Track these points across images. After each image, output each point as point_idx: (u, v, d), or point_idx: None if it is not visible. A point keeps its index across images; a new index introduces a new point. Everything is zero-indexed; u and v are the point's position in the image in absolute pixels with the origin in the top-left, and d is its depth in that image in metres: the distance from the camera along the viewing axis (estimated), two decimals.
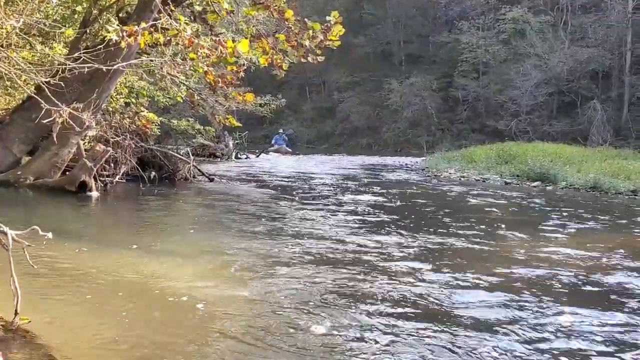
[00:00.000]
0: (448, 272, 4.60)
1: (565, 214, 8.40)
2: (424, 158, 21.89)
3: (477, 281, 4.38)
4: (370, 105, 36.63)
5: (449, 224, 7.13)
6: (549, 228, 7.07)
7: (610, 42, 27.89)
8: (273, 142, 26.21)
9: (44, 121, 4.66)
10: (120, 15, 9.95)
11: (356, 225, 6.80)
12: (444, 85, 33.78)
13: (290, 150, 25.35)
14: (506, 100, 29.39)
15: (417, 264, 4.88)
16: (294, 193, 10.38)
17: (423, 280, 4.36)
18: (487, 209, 8.83)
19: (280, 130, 27.30)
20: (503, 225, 7.04)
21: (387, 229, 6.63)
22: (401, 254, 5.26)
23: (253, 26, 9.79)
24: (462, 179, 14.51)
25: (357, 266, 4.74)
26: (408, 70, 36.15)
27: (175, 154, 11.70)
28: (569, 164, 14.69)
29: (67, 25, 11.05)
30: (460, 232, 6.55)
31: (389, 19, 38.21)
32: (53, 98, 4.83)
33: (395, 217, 7.63)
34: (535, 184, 13.08)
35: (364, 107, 36.83)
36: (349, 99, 37.86)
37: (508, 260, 5.18)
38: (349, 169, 17.74)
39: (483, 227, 6.94)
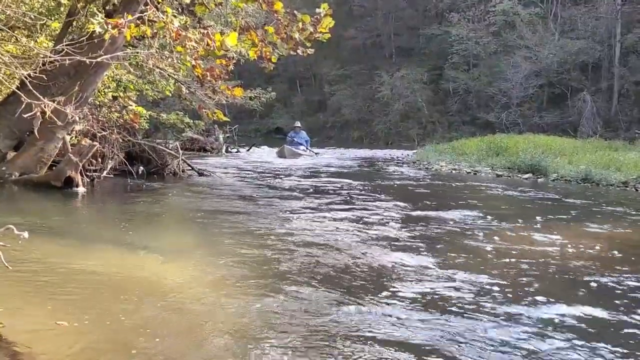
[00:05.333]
0: (433, 263, 4.55)
1: (556, 206, 8.38)
2: (415, 151, 21.85)
3: (458, 270, 4.33)
4: (361, 98, 36.50)
5: (436, 216, 7.08)
6: (541, 221, 7.03)
7: (599, 34, 27.95)
8: (288, 139, 19.85)
9: (26, 115, 4.53)
10: (107, 7, 9.77)
11: (344, 218, 6.73)
12: (435, 77, 33.75)
13: (304, 151, 19.20)
14: (497, 92, 29.40)
15: (405, 256, 4.82)
16: (284, 187, 10.29)
17: (412, 272, 4.30)
18: (476, 202, 8.78)
19: (297, 124, 20.86)
20: (490, 217, 7.00)
21: (376, 222, 6.56)
22: (389, 245, 5.20)
23: (242, 18, 9.64)
24: (454, 171, 14.48)
25: (346, 258, 4.68)
26: (398, 63, 36.07)
27: (164, 148, 11.54)
28: (559, 155, 14.70)
29: (52, 18, 10.87)
30: (446, 224, 6.51)
31: (379, 11, 38.09)
32: (35, 92, 4.68)
33: (384, 209, 7.56)
34: (527, 176, 13.07)
35: (354, 99, 36.70)
36: (340, 91, 37.70)
37: (495, 252, 5.13)
38: (339, 162, 17.66)
39: (472, 219, 6.90)
